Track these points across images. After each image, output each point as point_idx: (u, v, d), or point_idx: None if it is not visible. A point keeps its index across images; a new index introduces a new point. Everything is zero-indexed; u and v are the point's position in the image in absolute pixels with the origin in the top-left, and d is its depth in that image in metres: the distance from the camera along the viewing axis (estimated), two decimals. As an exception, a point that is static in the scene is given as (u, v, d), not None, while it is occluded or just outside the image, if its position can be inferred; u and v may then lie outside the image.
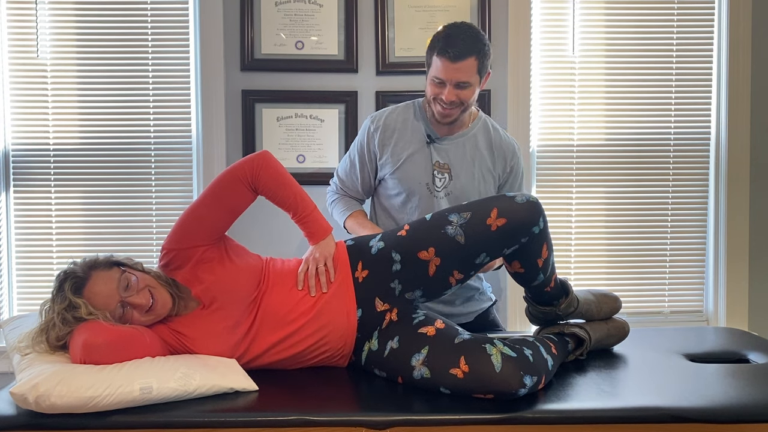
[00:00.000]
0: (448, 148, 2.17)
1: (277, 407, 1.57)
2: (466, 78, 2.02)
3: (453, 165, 2.16)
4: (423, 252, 1.78)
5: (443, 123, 2.12)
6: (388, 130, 2.20)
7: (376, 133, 2.20)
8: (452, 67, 2.00)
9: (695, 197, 2.92)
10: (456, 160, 2.17)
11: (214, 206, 1.80)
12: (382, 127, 2.20)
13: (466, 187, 2.17)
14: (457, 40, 2.00)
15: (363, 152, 2.24)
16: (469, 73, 2.02)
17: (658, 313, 2.94)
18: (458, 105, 2.07)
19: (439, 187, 2.16)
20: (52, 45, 2.73)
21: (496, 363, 1.60)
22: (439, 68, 2.02)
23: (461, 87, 2.04)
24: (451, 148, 2.17)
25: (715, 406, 1.56)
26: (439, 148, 2.17)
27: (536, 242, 1.76)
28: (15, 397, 1.49)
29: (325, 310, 1.79)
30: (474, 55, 2.00)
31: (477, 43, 2.02)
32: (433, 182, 2.16)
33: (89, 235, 2.77)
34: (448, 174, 2.15)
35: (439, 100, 2.07)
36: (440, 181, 2.15)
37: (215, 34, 2.71)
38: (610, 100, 2.87)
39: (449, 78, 2.02)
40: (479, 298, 2.30)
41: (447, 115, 2.09)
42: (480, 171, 2.20)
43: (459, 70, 2.00)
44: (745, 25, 2.82)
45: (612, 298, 2.00)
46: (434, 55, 2.04)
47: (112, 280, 1.70)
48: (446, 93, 2.03)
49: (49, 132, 2.74)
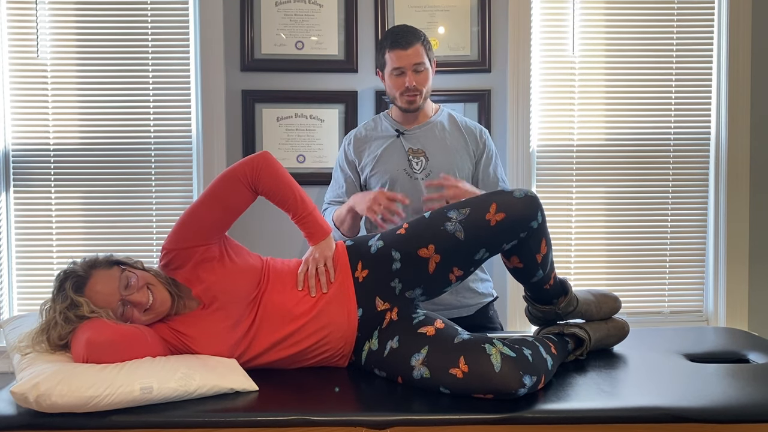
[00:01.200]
0: (418, 135, 2.36)
1: (277, 407, 1.57)
2: (420, 59, 2.26)
3: (426, 148, 2.33)
4: (423, 249, 1.78)
5: (410, 110, 2.32)
6: (360, 138, 2.41)
7: (350, 145, 2.42)
8: (405, 54, 2.25)
9: (695, 197, 2.92)
10: (428, 142, 2.34)
11: (214, 206, 1.80)
12: (354, 138, 2.42)
13: (444, 163, 2.31)
14: (402, 34, 2.28)
15: (344, 165, 2.41)
16: (421, 57, 2.26)
17: (658, 313, 2.94)
18: (419, 92, 2.28)
19: (418, 170, 2.31)
20: (52, 45, 2.73)
21: (496, 363, 1.60)
22: (395, 59, 2.26)
23: (418, 70, 2.26)
24: (421, 134, 2.36)
25: (715, 406, 1.56)
26: (410, 137, 2.36)
27: (535, 237, 1.77)
28: (16, 396, 1.49)
29: (325, 311, 1.79)
30: (418, 41, 2.27)
31: (417, 32, 2.29)
32: (411, 167, 2.31)
33: (89, 235, 2.77)
34: (423, 157, 2.32)
35: (404, 91, 2.27)
36: (417, 164, 2.31)
37: (215, 34, 2.71)
38: (610, 100, 2.87)
39: (407, 64, 2.25)
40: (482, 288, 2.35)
41: (413, 101, 2.29)
42: (453, 147, 2.34)
43: (412, 56, 2.25)
44: (745, 25, 2.82)
45: (611, 298, 2.00)
46: (386, 53, 2.28)
47: (112, 279, 1.71)
48: (408, 78, 2.26)
49: (49, 132, 2.74)
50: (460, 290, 2.29)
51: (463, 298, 2.30)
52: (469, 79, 2.79)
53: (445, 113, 2.43)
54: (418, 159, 2.32)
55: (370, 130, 2.42)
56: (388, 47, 2.28)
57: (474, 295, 2.33)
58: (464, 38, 2.78)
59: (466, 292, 2.31)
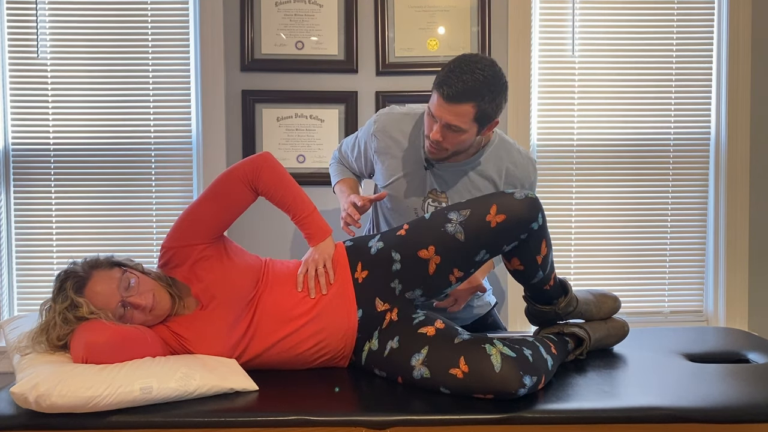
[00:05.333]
0: (449, 178, 1.98)
1: (277, 407, 1.57)
2: (457, 123, 1.79)
3: (451, 196, 1.98)
4: (423, 251, 1.78)
5: (431, 159, 1.94)
6: (388, 139, 2.04)
7: (375, 138, 2.06)
8: (444, 107, 1.79)
9: (695, 197, 2.92)
10: (456, 191, 1.98)
11: (214, 205, 1.80)
12: (383, 134, 2.05)
13: None
14: (458, 80, 1.77)
15: (362, 148, 2.14)
16: (463, 120, 1.79)
17: (658, 313, 2.94)
18: (444, 149, 1.87)
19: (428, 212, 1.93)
20: (52, 45, 2.73)
21: (496, 363, 1.60)
22: (434, 103, 1.82)
23: (451, 130, 1.82)
24: (452, 178, 1.98)
25: (714, 406, 1.56)
26: (438, 174, 1.98)
27: (535, 239, 1.77)
28: (15, 396, 1.49)
29: (325, 312, 1.79)
30: (472, 101, 1.77)
31: (480, 88, 1.77)
32: (424, 209, 2.00)
33: (89, 235, 2.77)
34: (445, 202, 1.99)
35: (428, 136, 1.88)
36: (432, 207, 1.99)
37: (215, 34, 2.71)
38: (610, 100, 2.87)
39: (439, 116, 1.81)
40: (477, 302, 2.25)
41: (433, 153, 1.90)
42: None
43: (450, 113, 1.78)
44: (745, 25, 2.82)
45: (611, 297, 2.00)
46: (433, 87, 1.84)
47: (113, 280, 1.71)
48: (433, 131, 1.83)
49: (50, 131, 2.74)
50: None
51: (459, 312, 2.18)
52: (469, 79, 2.78)
53: (493, 149, 1.98)
54: (438, 204, 1.96)
55: (402, 136, 2.00)
56: (436, 84, 1.81)
57: (470, 309, 2.22)
58: (464, 38, 2.78)
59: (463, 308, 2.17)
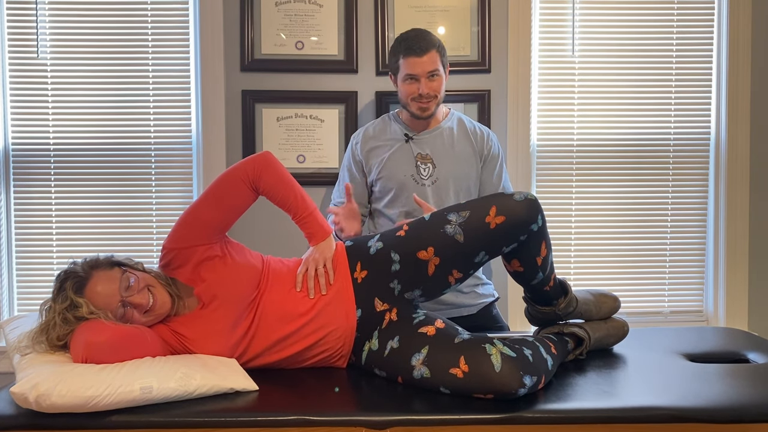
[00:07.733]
0: (427, 140, 2.34)
1: (277, 407, 1.57)
2: (434, 66, 2.23)
3: (434, 154, 2.32)
4: (422, 252, 1.78)
5: (423, 117, 2.29)
6: (368, 138, 2.39)
7: (358, 145, 2.39)
8: (420, 61, 2.22)
9: (695, 197, 2.92)
10: (436, 149, 2.33)
11: (215, 206, 1.80)
12: (363, 137, 2.39)
13: (451, 171, 2.30)
14: (417, 40, 2.24)
15: (351, 166, 2.39)
16: (436, 63, 2.23)
17: (658, 313, 2.94)
18: (433, 97, 2.26)
19: (425, 176, 2.30)
20: (52, 45, 2.73)
21: (496, 363, 1.60)
22: (409, 66, 2.23)
23: (433, 77, 2.24)
24: (430, 140, 2.34)
25: (714, 406, 1.56)
26: (419, 141, 2.34)
27: (535, 240, 1.77)
28: (15, 396, 1.49)
29: (324, 312, 1.79)
30: (434, 48, 2.23)
31: (432, 38, 2.25)
32: (418, 173, 2.31)
33: (89, 235, 2.77)
34: (431, 163, 2.31)
35: (416, 98, 2.25)
36: (425, 170, 2.31)
37: (215, 34, 2.71)
38: (610, 100, 2.87)
39: (421, 71, 2.22)
40: (482, 290, 2.36)
41: (426, 109, 2.27)
42: (461, 154, 2.32)
43: (427, 63, 2.22)
44: (745, 25, 2.82)
45: (611, 297, 2.00)
46: (401, 59, 2.25)
47: (113, 280, 1.70)
48: (422, 86, 2.23)
49: (50, 131, 2.74)
50: (462, 291, 2.30)
51: (465, 298, 2.31)
52: (469, 79, 2.79)
53: (455, 118, 2.40)
54: (426, 165, 2.30)
55: (379, 131, 2.39)
56: (403, 53, 2.24)
57: (476, 296, 2.34)
58: (464, 38, 2.78)
59: (468, 293, 2.32)
